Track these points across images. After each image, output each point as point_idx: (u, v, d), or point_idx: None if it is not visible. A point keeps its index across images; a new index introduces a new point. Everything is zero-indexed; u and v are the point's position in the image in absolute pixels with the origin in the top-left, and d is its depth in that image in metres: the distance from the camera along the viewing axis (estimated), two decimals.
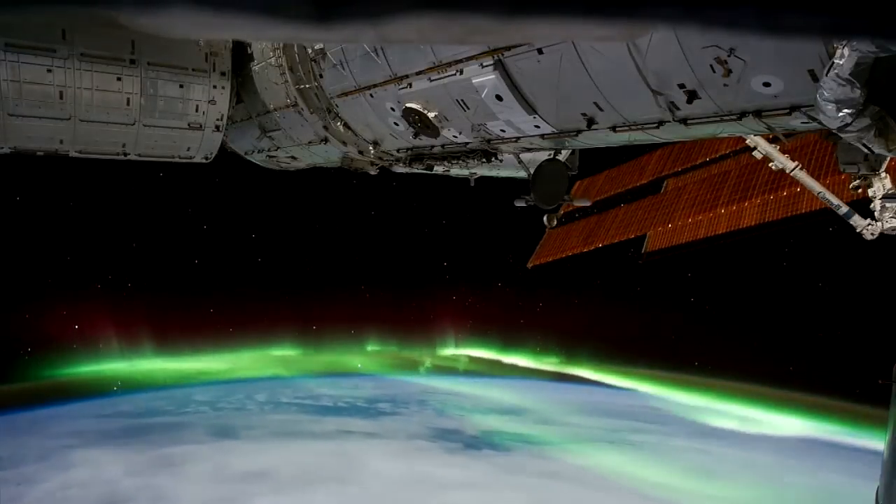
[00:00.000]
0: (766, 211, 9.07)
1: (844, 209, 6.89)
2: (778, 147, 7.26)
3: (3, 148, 7.63)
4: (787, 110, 3.48)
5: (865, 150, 3.11)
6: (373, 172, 8.88)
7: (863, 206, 6.51)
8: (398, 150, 7.48)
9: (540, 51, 4.34)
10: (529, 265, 12.74)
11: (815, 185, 7.21)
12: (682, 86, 3.74)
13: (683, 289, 46.47)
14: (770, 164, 7.30)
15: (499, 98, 5.00)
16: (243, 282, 52.63)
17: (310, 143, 8.43)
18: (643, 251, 11.20)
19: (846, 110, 2.83)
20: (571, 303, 52.38)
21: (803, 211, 8.35)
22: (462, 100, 5.38)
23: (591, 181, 12.24)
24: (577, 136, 5.03)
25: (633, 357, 49.49)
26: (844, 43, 2.67)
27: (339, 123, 7.39)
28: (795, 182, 7.33)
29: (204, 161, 9.29)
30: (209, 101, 8.35)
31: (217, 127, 8.67)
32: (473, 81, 5.06)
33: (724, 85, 3.53)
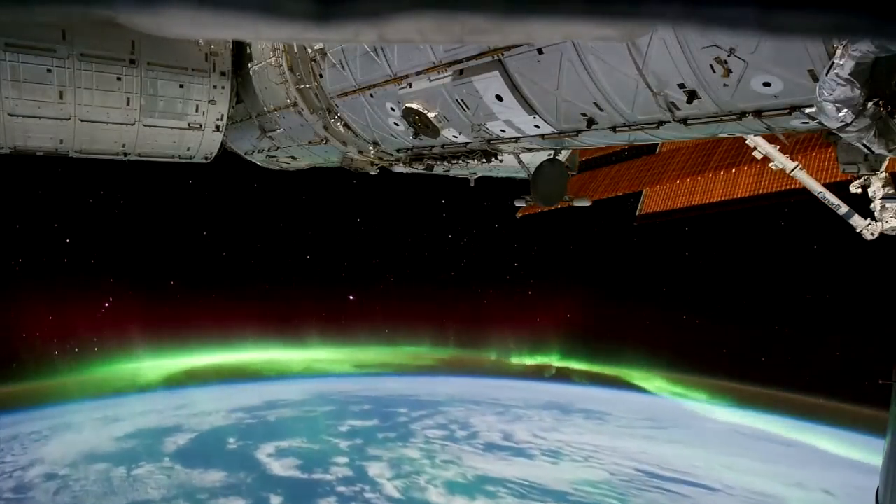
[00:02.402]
0: (760, 182, 9.00)
1: (844, 209, 6.89)
2: (779, 147, 7.26)
3: (3, 148, 7.63)
4: (787, 110, 3.47)
5: (865, 150, 3.11)
6: (373, 172, 8.88)
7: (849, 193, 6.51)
8: (398, 150, 7.48)
9: (540, 51, 4.34)
10: (518, 215, 12.61)
11: (815, 185, 7.21)
12: (682, 86, 3.74)
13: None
14: (770, 164, 7.30)
15: (499, 98, 5.00)
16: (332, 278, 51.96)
17: (310, 143, 8.43)
18: (638, 213, 11.12)
19: (846, 110, 2.83)
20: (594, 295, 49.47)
21: (798, 186, 8.24)
22: (462, 100, 5.37)
23: None
24: (577, 136, 5.03)
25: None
26: (844, 43, 2.67)
27: (339, 123, 7.39)
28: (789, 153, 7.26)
29: (204, 161, 9.29)
30: (209, 101, 8.35)
31: (217, 127, 8.67)
32: (473, 81, 5.06)
33: (724, 85, 3.53)
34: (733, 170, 9.30)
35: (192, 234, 47.81)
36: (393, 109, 6.23)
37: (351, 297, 53.19)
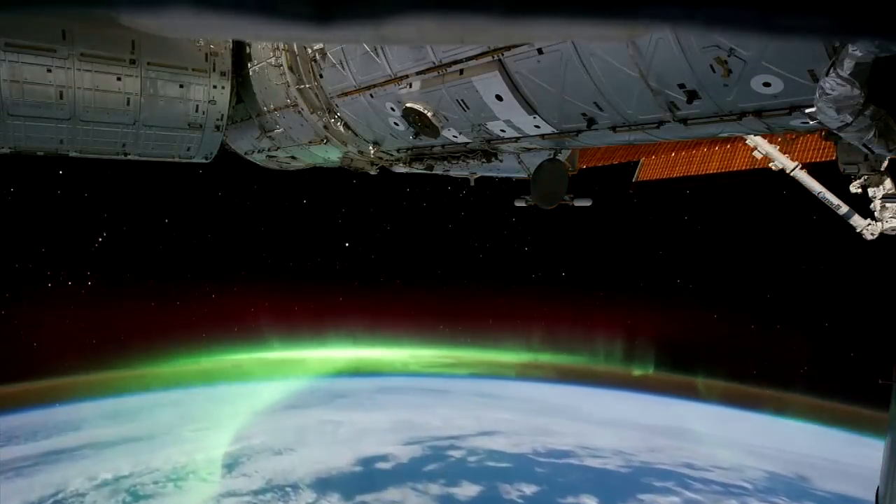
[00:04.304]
0: (757, 157, 8.98)
1: (845, 209, 6.89)
2: (778, 147, 7.26)
3: (3, 148, 7.63)
4: (787, 110, 3.48)
5: (865, 151, 3.10)
6: (373, 172, 8.88)
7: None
8: (398, 150, 7.48)
9: (540, 51, 4.34)
10: (514, 178, 12.59)
11: (815, 185, 7.22)
12: (682, 86, 3.74)
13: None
14: (770, 164, 7.31)
15: (499, 98, 4.99)
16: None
17: (310, 143, 8.43)
18: (634, 180, 11.09)
19: (846, 110, 2.83)
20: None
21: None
22: (462, 100, 5.37)
23: None
24: (577, 136, 5.03)
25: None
26: (844, 43, 2.66)
27: (339, 123, 7.39)
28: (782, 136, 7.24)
29: (204, 161, 9.29)
30: (209, 101, 8.35)
31: (217, 127, 8.67)
32: (473, 81, 5.06)
33: (724, 85, 3.53)
34: (728, 145, 9.30)
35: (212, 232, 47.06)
36: (393, 109, 6.23)
37: (346, 245, 50.21)
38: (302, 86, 7.27)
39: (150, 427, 31.87)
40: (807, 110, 3.26)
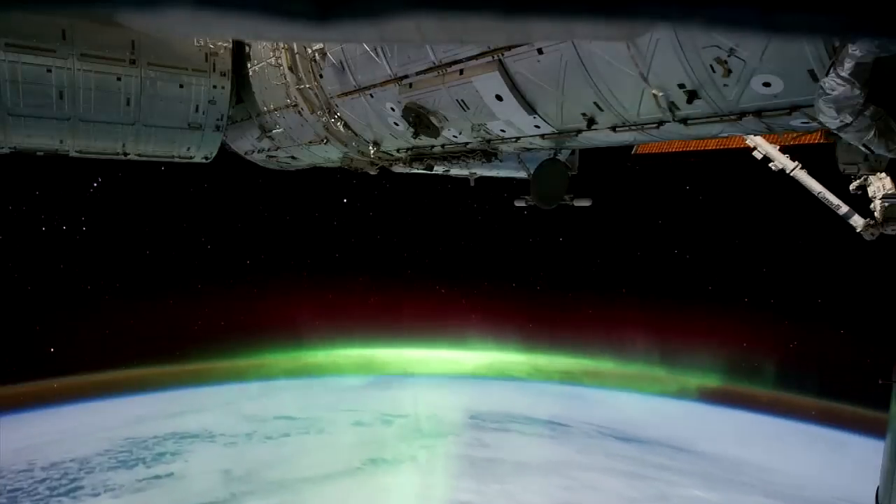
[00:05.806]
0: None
1: (844, 209, 6.89)
2: (778, 147, 7.26)
3: (3, 148, 7.64)
4: (787, 110, 3.47)
5: (865, 151, 3.10)
6: (373, 172, 8.88)
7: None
8: (398, 150, 7.48)
9: (540, 51, 4.34)
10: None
11: (814, 185, 7.21)
12: (682, 86, 3.74)
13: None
14: (770, 165, 7.30)
15: (499, 98, 4.99)
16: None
17: (310, 143, 8.43)
18: (633, 152, 11.14)
19: (846, 110, 2.83)
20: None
21: (792, 143, 8.11)
22: (462, 100, 5.37)
23: None
24: (577, 136, 5.03)
25: None
26: (845, 42, 2.66)
27: (339, 123, 7.39)
28: None
29: (204, 161, 9.30)
30: (209, 101, 8.35)
31: (217, 127, 8.67)
32: (473, 81, 5.06)
33: (724, 85, 3.53)
34: None
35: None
36: (393, 109, 6.23)
37: (345, 201, 44.92)
38: (302, 86, 7.27)
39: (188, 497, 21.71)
40: (807, 110, 3.26)
